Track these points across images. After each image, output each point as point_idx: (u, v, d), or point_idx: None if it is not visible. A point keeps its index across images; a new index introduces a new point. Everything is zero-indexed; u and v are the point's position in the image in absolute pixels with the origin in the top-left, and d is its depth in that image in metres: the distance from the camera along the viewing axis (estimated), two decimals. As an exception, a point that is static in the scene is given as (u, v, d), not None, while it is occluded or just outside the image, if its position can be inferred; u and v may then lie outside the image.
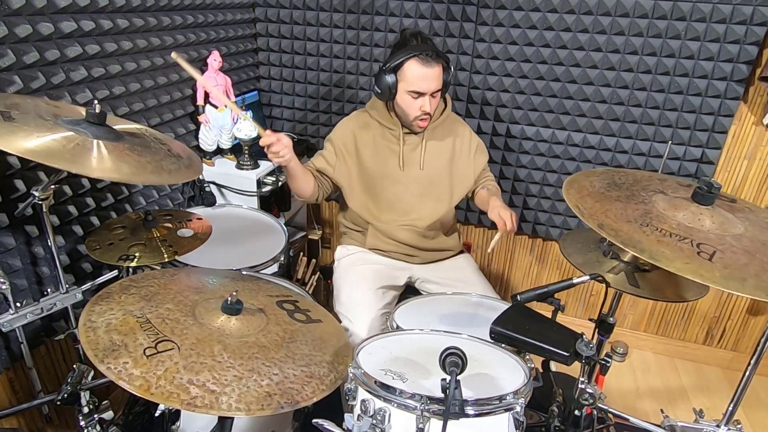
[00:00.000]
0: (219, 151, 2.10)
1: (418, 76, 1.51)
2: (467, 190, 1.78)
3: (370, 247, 1.78)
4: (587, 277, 1.20)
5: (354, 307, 1.58)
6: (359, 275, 1.70)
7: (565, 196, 1.10)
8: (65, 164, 0.98)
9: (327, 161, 1.69)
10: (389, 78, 1.53)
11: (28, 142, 0.97)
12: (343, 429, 0.97)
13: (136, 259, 1.31)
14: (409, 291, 1.80)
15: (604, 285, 1.25)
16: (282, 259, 1.65)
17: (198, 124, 2.01)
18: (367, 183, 1.71)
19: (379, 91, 1.57)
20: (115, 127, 1.18)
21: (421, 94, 1.54)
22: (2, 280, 1.21)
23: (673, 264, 0.90)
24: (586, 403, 1.11)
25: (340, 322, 1.53)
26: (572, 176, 1.20)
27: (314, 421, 0.98)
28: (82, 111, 1.17)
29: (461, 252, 1.89)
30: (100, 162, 1.04)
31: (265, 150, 1.43)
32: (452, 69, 1.59)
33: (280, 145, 1.42)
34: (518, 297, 1.20)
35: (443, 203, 1.73)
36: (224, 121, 2.00)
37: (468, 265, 1.82)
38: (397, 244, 1.75)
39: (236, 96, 2.07)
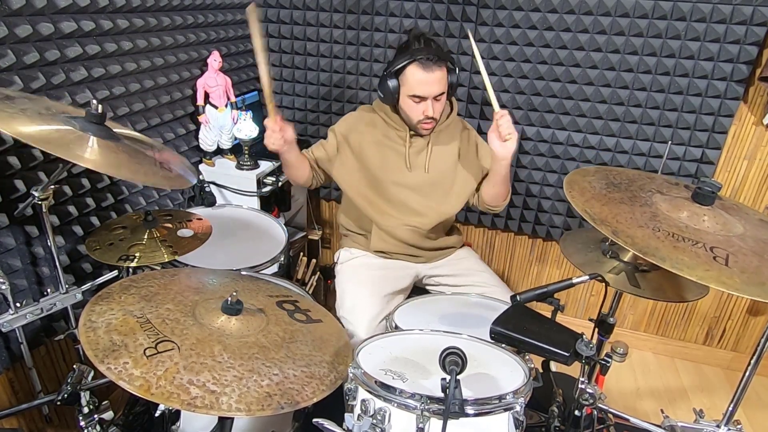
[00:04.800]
0: (219, 151, 2.10)
1: (418, 81, 1.50)
2: (471, 193, 1.74)
3: (375, 250, 1.77)
4: (587, 277, 1.20)
5: (359, 313, 1.57)
6: (365, 280, 1.69)
7: (570, 200, 1.07)
8: (59, 151, 0.97)
9: (326, 153, 1.71)
10: (391, 82, 1.53)
11: (26, 128, 0.97)
12: (344, 429, 0.97)
13: (136, 259, 1.30)
14: (415, 291, 1.80)
15: (604, 285, 1.25)
16: (282, 259, 1.65)
17: (198, 124, 2.01)
18: (370, 181, 1.70)
19: (383, 96, 1.58)
20: (114, 131, 1.18)
21: (422, 99, 1.53)
22: (2, 280, 1.21)
23: (695, 272, 0.86)
24: (586, 403, 1.11)
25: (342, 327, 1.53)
26: (570, 176, 1.18)
27: (314, 420, 0.98)
28: (83, 112, 1.17)
29: (461, 246, 1.91)
30: (92, 155, 1.03)
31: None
32: (457, 70, 1.58)
33: (274, 136, 1.49)
34: (518, 297, 1.20)
35: (446, 206, 1.72)
36: (224, 121, 2.00)
37: (471, 256, 1.86)
38: (401, 245, 1.75)
39: (236, 96, 2.07)
